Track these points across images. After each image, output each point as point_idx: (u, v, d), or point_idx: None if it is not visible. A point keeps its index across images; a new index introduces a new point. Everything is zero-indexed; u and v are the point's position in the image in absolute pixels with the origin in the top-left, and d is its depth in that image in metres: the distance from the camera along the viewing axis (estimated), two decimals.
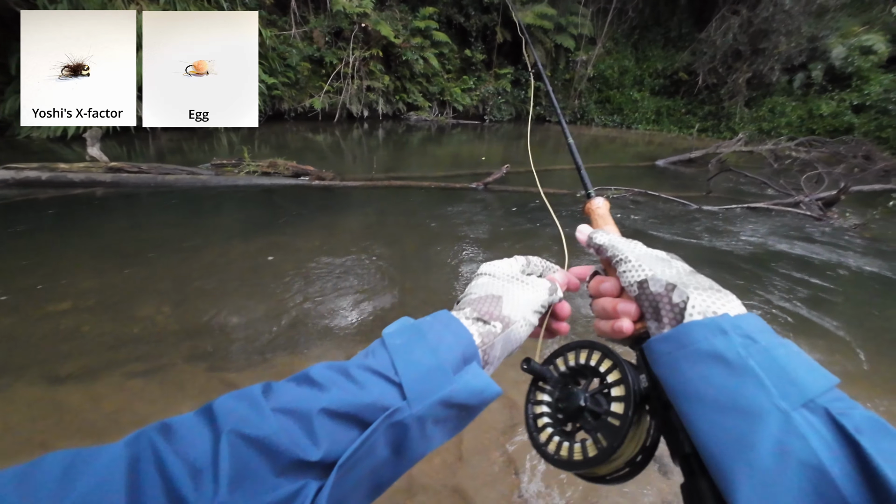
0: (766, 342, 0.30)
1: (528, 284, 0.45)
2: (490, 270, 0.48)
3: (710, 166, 7.97)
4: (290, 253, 3.47)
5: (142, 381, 2.05)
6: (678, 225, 4.67)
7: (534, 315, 0.43)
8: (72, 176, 4.50)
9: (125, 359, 2.21)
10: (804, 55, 12.31)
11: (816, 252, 4.12)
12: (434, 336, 0.36)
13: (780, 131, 12.09)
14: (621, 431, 0.34)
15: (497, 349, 0.39)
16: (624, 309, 0.39)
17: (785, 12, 11.96)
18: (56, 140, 6.59)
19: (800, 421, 0.25)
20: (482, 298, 0.42)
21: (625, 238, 0.45)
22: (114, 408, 1.88)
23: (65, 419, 1.80)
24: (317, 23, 10.55)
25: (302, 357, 2.31)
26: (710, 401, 0.29)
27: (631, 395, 0.35)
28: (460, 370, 0.35)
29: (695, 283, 0.36)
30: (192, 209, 4.51)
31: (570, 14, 13.99)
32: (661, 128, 14.50)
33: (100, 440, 1.70)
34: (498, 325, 0.40)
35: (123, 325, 2.47)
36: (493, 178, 5.65)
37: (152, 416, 1.81)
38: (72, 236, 3.59)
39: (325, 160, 7.36)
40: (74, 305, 2.62)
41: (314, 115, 10.77)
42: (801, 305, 3.08)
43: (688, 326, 0.33)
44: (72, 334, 2.37)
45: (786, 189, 5.81)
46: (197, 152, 7.10)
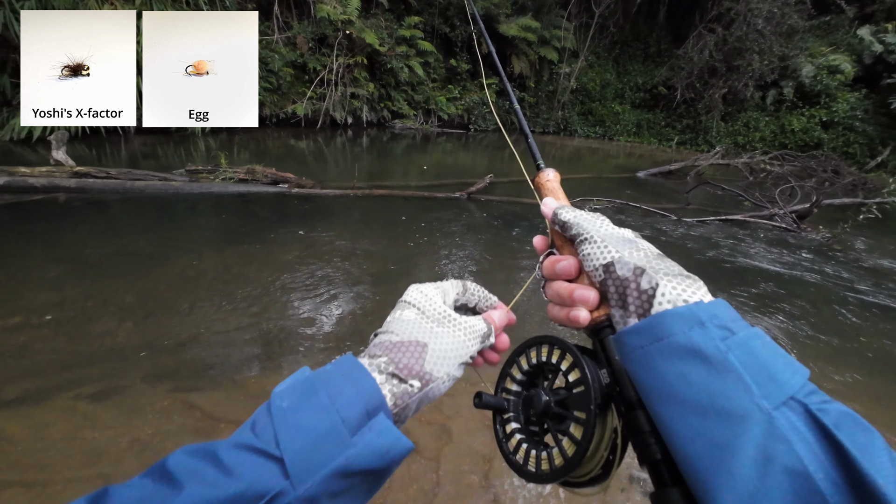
0: (743, 333, 0.28)
1: (460, 328, 0.40)
2: (419, 302, 0.41)
3: (688, 178, 8.16)
4: (265, 264, 3.33)
5: (94, 405, 1.90)
6: (658, 237, 4.72)
7: (459, 369, 0.38)
8: (32, 181, 4.26)
9: (78, 379, 2.05)
10: (776, 73, 12.82)
11: (790, 262, 4.21)
12: (330, 391, 0.31)
13: (755, 145, 12.53)
14: (586, 435, 0.32)
15: (412, 409, 0.35)
16: (581, 296, 0.36)
17: (757, 31, 12.46)
18: (19, 142, 6.28)
19: (782, 422, 0.24)
20: (403, 345, 0.36)
21: (590, 214, 0.41)
22: (60, 436, 1.73)
23: (2, 450, 1.64)
24: (300, 29, 10.45)
25: (274, 376, 2.19)
26: (689, 402, 0.26)
27: (592, 398, 0.33)
28: (362, 427, 0.30)
29: (664, 269, 0.33)
30: (162, 217, 4.32)
31: (554, 27, 14.27)
32: (641, 140, 14.85)
33: (41, 474, 1.55)
34: (416, 383, 0.35)
35: (80, 341, 2.31)
36: (476, 188, 5.63)
37: (105, 444, 1.67)
38: (29, 245, 3.38)
39: (306, 167, 7.22)
40: (26, 321, 2.44)
41: (297, 122, 10.62)
42: (782, 317, 3.12)
43: (662, 317, 0.29)
44: (21, 352, 2.20)
45: (761, 202, 5.97)
46: (172, 157, 6.87)
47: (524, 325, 2.73)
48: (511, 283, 3.43)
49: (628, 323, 0.32)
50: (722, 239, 4.81)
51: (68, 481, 1.54)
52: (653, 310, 0.31)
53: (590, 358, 0.36)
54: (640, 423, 0.30)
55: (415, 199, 5.52)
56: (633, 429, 0.31)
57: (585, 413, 0.33)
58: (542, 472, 0.34)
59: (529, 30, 13.19)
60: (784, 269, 4.10)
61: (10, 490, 1.50)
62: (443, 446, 1.81)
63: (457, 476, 1.70)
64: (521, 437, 0.38)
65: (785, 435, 0.24)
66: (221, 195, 4.97)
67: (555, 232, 0.43)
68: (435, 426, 1.90)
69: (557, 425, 0.36)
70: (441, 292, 0.43)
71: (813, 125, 12.31)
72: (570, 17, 14.66)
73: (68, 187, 4.42)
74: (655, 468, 0.29)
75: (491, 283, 3.39)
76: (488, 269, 3.67)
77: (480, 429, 1.90)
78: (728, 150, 11.03)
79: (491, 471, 1.72)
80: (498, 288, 2.89)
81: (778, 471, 0.23)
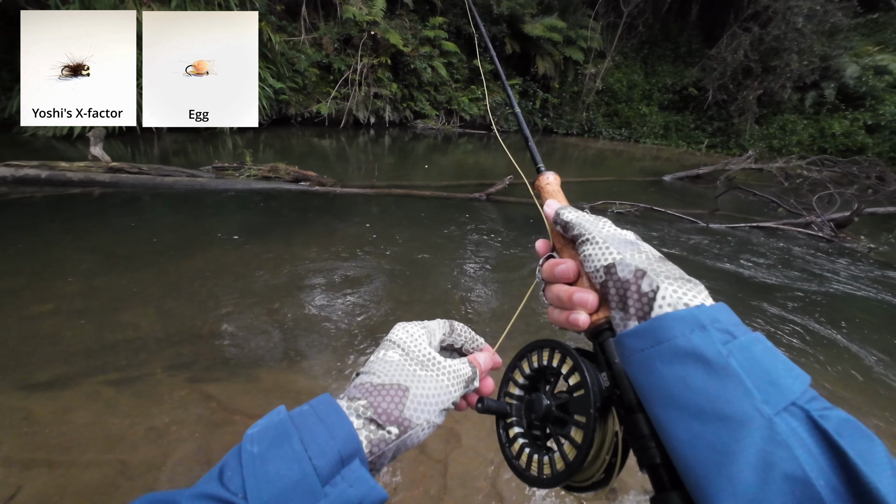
0: (745, 338, 0.28)
1: (443, 373, 0.39)
2: (404, 342, 0.40)
3: (718, 183, 7.85)
4: (285, 261, 3.39)
5: (115, 392, 1.96)
6: (682, 242, 4.55)
7: (441, 415, 0.37)
8: (71, 175, 4.48)
9: (103, 366, 2.13)
10: (816, 73, 12.22)
11: (828, 275, 3.97)
12: (303, 435, 0.29)
13: (791, 149, 11.95)
14: (587, 439, 0.32)
15: (388, 457, 0.34)
16: (580, 299, 0.36)
17: (797, 31, 11.90)
18: (61, 139, 6.63)
19: (783, 428, 0.24)
20: (384, 388, 0.35)
21: (592, 215, 0.41)
22: (83, 420, 1.79)
23: (30, 431, 1.71)
24: (326, 30, 10.63)
25: (288, 371, 2.22)
26: (689, 406, 0.26)
27: (592, 402, 0.32)
28: (335, 476, 0.29)
29: (665, 271, 0.33)
30: (188, 212, 4.46)
31: (580, 27, 14.04)
32: (669, 142, 14.41)
33: (64, 455, 1.62)
34: (394, 430, 0.34)
35: (106, 330, 2.40)
36: (495, 189, 5.57)
37: (124, 431, 1.73)
38: (64, 236, 3.55)
39: (328, 166, 7.33)
40: (58, 307, 2.55)
41: (320, 121, 10.81)
42: (816, 328, 2.95)
43: (662, 320, 0.29)
44: (52, 338, 2.30)
45: (797, 209, 5.68)
46: (201, 154, 7.10)
47: (531, 329, 2.67)
48: (526, 287, 3.38)
49: (628, 326, 0.32)
50: (752, 247, 4.59)
51: (89, 464, 1.60)
52: (653, 313, 0.30)
53: (590, 361, 0.35)
54: (639, 427, 0.30)
55: (434, 199, 5.52)
56: (632, 432, 0.31)
57: (585, 417, 0.33)
58: (545, 477, 0.35)
59: (555, 30, 13.02)
60: (820, 281, 3.88)
61: (36, 469, 1.57)
62: (451, 450, 1.79)
63: (464, 480, 1.67)
64: (524, 441, 0.38)
65: (786, 441, 0.23)
66: (245, 192, 5.10)
67: (556, 234, 0.43)
68: (443, 429, 1.87)
69: (559, 429, 0.36)
70: (427, 332, 0.42)
71: (856, 129, 11.66)
72: (598, 17, 14.39)
73: (103, 182, 4.63)
74: (655, 472, 0.29)
75: (506, 287, 3.34)
76: (502, 273, 3.62)
77: (490, 434, 1.86)
78: (762, 154, 10.58)
79: (499, 477, 1.69)
80: (513, 292, 2.85)
81: (778, 477, 0.23)
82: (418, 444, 0.36)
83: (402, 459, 1.73)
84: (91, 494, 1.50)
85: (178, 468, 1.61)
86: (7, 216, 3.82)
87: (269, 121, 9.67)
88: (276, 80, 9.34)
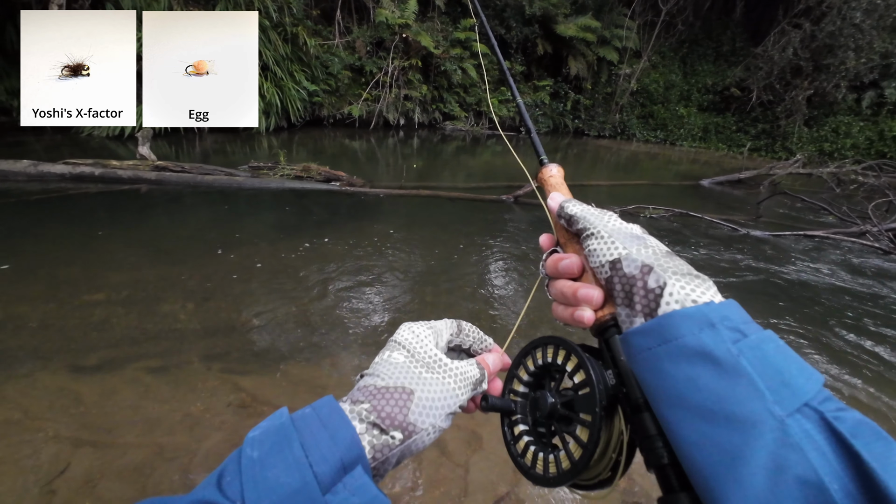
0: (756, 336, 0.27)
1: (450, 375, 0.37)
2: (409, 343, 0.39)
3: (761, 188, 7.43)
4: (315, 258, 3.48)
5: (155, 378, 2.07)
6: (721, 250, 4.34)
7: (446, 419, 0.36)
8: (121, 173, 4.79)
9: (145, 353, 2.25)
10: (876, 72, 11.35)
11: (885, 289, 3.67)
12: (305, 440, 0.29)
13: (845, 153, 11.17)
14: (592, 438, 0.31)
15: (391, 462, 0.33)
16: (585, 295, 0.35)
17: (854, 26, 11.10)
18: (113, 138, 7.10)
19: (796, 429, 0.23)
20: (388, 391, 0.34)
21: (597, 209, 0.39)
22: (126, 404, 1.90)
23: (79, 411, 1.84)
24: (359, 33, 10.86)
25: (316, 367, 2.27)
26: (698, 407, 0.25)
27: (597, 400, 0.32)
28: (336, 483, 0.28)
29: (673, 267, 0.31)
30: (226, 209, 4.67)
31: (616, 27, 13.67)
32: (708, 145, 13.79)
33: (107, 437, 1.72)
34: (398, 435, 0.32)
35: (148, 319, 2.54)
36: (523, 191, 5.51)
37: (162, 416, 1.82)
38: (114, 230, 3.79)
39: (358, 166, 7.48)
40: (107, 297, 2.73)
41: (351, 122, 11.05)
42: (875, 347, 2.73)
43: (670, 317, 0.28)
44: (101, 325, 2.46)
45: (850, 216, 5.29)
46: (238, 154, 7.42)
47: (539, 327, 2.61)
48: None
49: (634, 323, 0.31)
50: (797, 256, 4.31)
51: (129, 446, 1.70)
52: (660, 310, 0.30)
53: (595, 359, 0.35)
54: (646, 426, 0.29)
55: (461, 200, 5.52)
56: (639, 431, 0.30)
57: (591, 415, 0.32)
58: (550, 476, 0.34)
59: (589, 30, 12.74)
60: (874, 300, 3.59)
61: (82, 448, 1.68)
62: (472, 453, 1.78)
63: (485, 485, 1.65)
64: (530, 439, 0.38)
65: (798, 443, 0.23)
66: (279, 190, 5.28)
67: (560, 228, 0.42)
68: (465, 432, 1.86)
69: (564, 427, 0.35)
70: (434, 333, 0.41)
71: None
72: (634, 16, 13.97)
73: (149, 179, 4.92)
74: (663, 472, 0.28)
75: (529, 290, 3.29)
76: (528, 275, 3.57)
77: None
78: (811, 157, 9.95)
79: (521, 481, 1.66)
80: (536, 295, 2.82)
81: (790, 480, 0.22)
82: (423, 450, 0.35)
83: (423, 461, 1.73)
84: (129, 474, 1.58)
85: (211, 455, 1.68)
86: (66, 210, 4.13)
87: (302, 122, 9.98)
88: (310, 82, 9.62)
